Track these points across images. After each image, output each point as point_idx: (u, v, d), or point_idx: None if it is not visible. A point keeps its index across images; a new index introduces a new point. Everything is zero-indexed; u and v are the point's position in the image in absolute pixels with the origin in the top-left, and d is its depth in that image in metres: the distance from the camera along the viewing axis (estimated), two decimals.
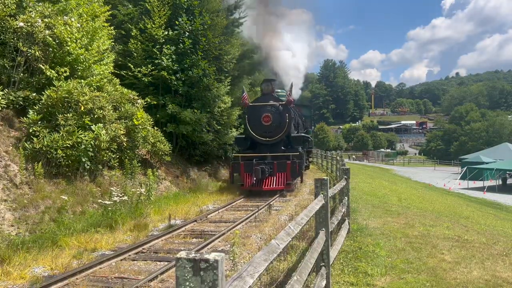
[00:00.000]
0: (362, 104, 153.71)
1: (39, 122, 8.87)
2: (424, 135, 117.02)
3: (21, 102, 9.09)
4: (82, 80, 10.22)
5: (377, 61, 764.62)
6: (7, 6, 8.94)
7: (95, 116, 9.66)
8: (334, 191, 5.83)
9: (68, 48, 9.83)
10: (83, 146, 9.03)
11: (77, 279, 5.23)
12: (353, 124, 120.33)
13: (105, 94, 10.74)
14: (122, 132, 10.53)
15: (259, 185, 12.76)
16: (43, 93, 9.12)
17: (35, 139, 8.55)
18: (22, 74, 9.16)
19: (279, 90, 17.90)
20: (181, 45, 14.95)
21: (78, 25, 10.23)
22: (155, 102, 14.61)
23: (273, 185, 12.78)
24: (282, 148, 13.79)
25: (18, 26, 8.88)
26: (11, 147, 8.37)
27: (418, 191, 20.50)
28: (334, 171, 17.66)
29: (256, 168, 12.43)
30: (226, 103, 17.00)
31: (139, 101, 12.60)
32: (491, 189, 29.86)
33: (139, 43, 14.55)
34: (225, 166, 20.12)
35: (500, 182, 33.23)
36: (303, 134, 15.88)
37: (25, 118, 8.82)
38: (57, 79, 9.47)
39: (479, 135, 73.15)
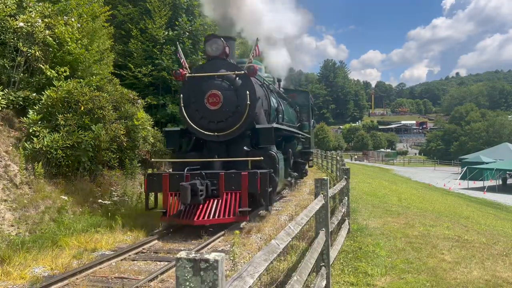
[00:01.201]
0: (362, 104, 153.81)
1: (39, 122, 8.87)
2: (424, 135, 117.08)
3: (21, 102, 9.09)
4: (82, 80, 10.23)
5: (377, 61, 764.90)
6: (7, 6, 8.94)
7: (95, 116, 9.66)
8: (334, 191, 5.83)
9: (68, 47, 9.84)
10: (83, 146, 9.03)
11: (77, 279, 5.23)
12: (353, 124, 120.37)
13: (105, 94, 10.74)
14: (122, 132, 10.53)
15: (189, 215, 7.48)
16: (43, 93, 9.13)
17: (35, 139, 8.55)
18: (22, 74, 9.16)
19: (260, 65, 12.09)
20: (181, 45, 14.95)
21: (78, 25, 10.25)
22: (155, 102, 14.62)
23: (213, 215, 7.43)
24: (245, 149, 8.66)
25: (18, 26, 8.88)
26: (11, 147, 8.38)
27: (418, 191, 20.51)
28: (334, 171, 17.66)
29: (183, 186, 7.20)
30: None
31: (139, 101, 12.62)
32: (491, 189, 29.89)
33: (139, 43, 14.56)
34: None
35: (500, 182, 33.27)
36: (280, 126, 9.90)
37: (25, 118, 8.82)
38: (57, 79, 9.47)
39: (479, 135, 73.14)
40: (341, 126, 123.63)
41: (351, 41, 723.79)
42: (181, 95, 8.76)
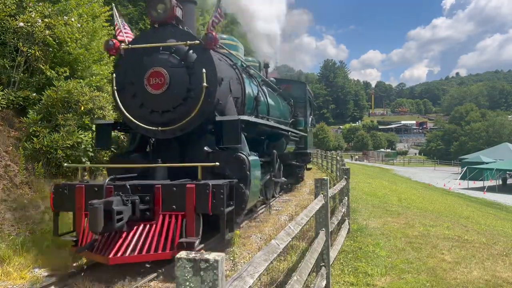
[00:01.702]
0: (362, 104, 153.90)
1: (39, 122, 8.87)
2: (424, 135, 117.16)
3: (21, 102, 9.09)
4: (82, 80, 10.24)
5: (377, 61, 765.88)
6: (7, 6, 8.94)
7: (95, 116, 9.66)
8: (334, 191, 5.84)
9: (68, 48, 9.85)
10: (83, 146, 9.04)
11: (77, 279, 5.23)
12: (353, 124, 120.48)
13: (105, 94, 10.74)
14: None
15: (106, 248, 5.08)
16: (43, 93, 9.13)
17: (35, 139, 8.55)
18: (22, 74, 9.17)
19: (236, 42, 9.75)
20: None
21: (79, 25, 10.25)
22: None
23: (139, 249, 5.00)
24: (206, 150, 6.26)
25: (18, 26, 8.89)
26: (11, 147, 8.38)
27: (418, 191, 20.52)
28: (334, 171, 17.67)
29: (92, 205, 4.70)
30: None
31: None
32: (491, 189, 29.91)
33: None
34: None
35: (500, 182, 33.28)
36: (255, 119, 7.17)
37: (25, 118, 8.82)
38: (57, 79, 9.48)
39: (479, 135, 73.20)
40: (341, 126, 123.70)
41: (351, 41, 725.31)
42: (114, 75, 6.41)
